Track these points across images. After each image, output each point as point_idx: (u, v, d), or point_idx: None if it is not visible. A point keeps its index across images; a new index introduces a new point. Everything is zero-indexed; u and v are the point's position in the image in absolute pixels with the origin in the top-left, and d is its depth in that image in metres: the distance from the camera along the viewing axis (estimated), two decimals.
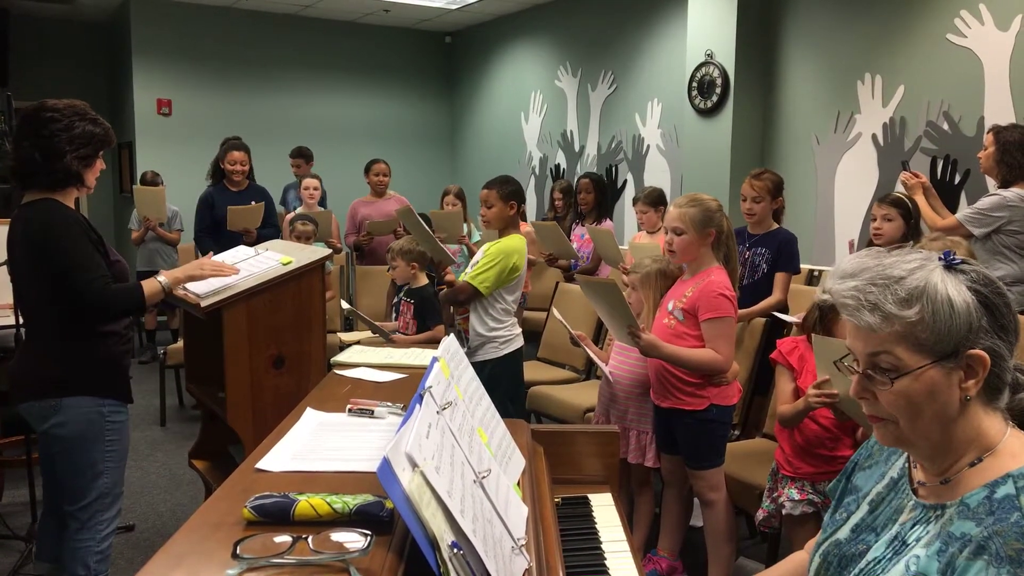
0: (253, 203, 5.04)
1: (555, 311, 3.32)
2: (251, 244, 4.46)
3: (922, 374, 1.03)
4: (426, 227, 3.63)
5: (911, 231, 3.34)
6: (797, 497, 2.48)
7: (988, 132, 3.78)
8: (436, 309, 3.94)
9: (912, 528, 1.10)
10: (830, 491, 1.35)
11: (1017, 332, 1.06)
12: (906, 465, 1.19)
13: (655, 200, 4.78)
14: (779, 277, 3.55)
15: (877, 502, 1.20)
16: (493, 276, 3.25)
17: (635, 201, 4.93)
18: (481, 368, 3.23)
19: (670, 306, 2.78)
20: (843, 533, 1.21)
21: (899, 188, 4.95)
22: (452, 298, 3.39)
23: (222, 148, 5.31)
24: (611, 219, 5.81)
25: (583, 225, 5.56)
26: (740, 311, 3.11)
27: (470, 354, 3.28)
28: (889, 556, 1.10)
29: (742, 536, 3.37)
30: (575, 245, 5.38)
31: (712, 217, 2.69)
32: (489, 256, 3.28)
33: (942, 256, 1.06)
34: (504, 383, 3.32)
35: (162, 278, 2.48)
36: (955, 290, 1.03)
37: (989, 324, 1.03)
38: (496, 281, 3.26)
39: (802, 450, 2.50)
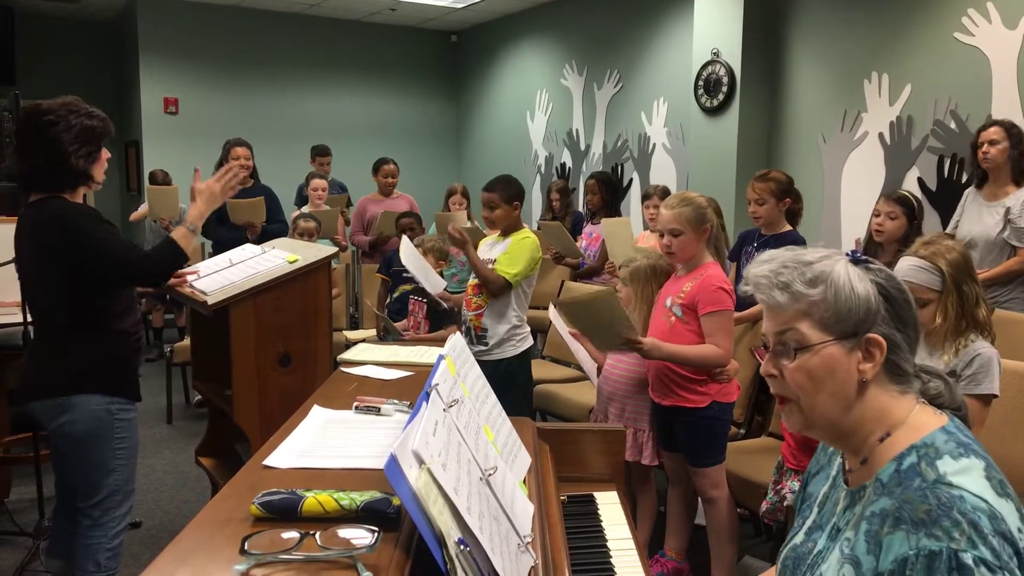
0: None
1: (551, 312, 3.32)
2: (256, 238, 4.48)
3: (822, 349, 1.11)
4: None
5: (913, 231, 3.29)
6: (798, 489, 2.49)
7: (991, 126, 3.72)
8: (449, 310, 3.93)
9: (844, 514, 1.15)
10: (794, 505, 1.38)
11: (916, 328, 1.14)
12: (841, 461, 1.24)
13: (666, 196, 4.76)
14: None
15: (823, 502, 1.25)
16: (524, 268, 3.27)
17: (645, 197, 4.90)
18: (496, 366, 3.25)
19: (668, 302, 2.78)
20: (798, 537, 1.26)
21: (906, 187, 4.94)
22: (489, 281, 3.26)
23: (225, 147, 5.33)
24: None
25: (591, 224, 5.52)
26: (739, 313, 3.11)
27: (487, 352, 3.28)
28: (828, 546, 1.15)
29: (748, 535, 3.37)
30: (583, 244, 5.36)
31: (705, 214, 2.72)
32: (517, 249, 3.28)
33: (849, 253, 1.17)
34: (519, 380, 3.34)
35: (187, 223, 2.49)
36: (856, 278, 1.12)
37: (888, 313, 1.11)
38: (525, 272, 3.29)
39: (804, 443, 2.50)
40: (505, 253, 3.30)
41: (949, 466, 1.03)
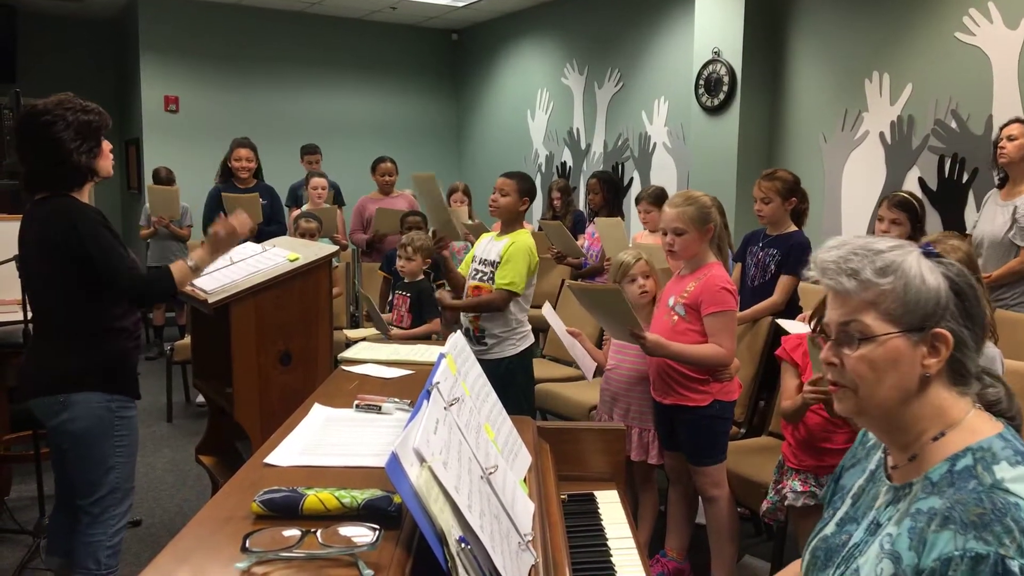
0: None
1: (546, 309, 3.30)
2: (254, 237, 4.48)
3: (887, 341, 1.09)
4: (443, 197, 3.43)
5: (917, 234, 3.28)
6: (799, 488, 2.49)
7: (1014, 122, 3.70)
8: (433, 302, 3.94)
9: (885, 509, 1.14)
10: (823, 498, 1.39)
11: (984, 327, 1.12)
12: (883, 456, 1.22)
13: (658, 198, 4.76)
14: (782, 279, 3.51)
15: (858, 495, 1.24)
16: (523, 275, 3.27)
17: (638, 199, 4.91)
18: (497, 365, 3.24)
19: (671, 302, 2.78)
20: (830, 528, 1.25)
21: (906, 186, 4.94)
22: (491, 307, 3.28)
23: (230, 147, 5.34)
24: (623, 218, 5.72)
25: (593, 223, 5.51)
26: (740, 313, 3.11)
27: (487, 351, 3.29)
28: (867, 539, 1.14)
29: (749, 534, 3.37)
30: (585, 243, 5.35)
31: (710, 213, 2.72)
32: (512, 256, 3.27)
33: (922, 246, 1.14)
34: (519, 379, 3.34)
35: (190, 260, 2.50)
36: (928, 270, 1.09)
37: (957, 308, 1.09)
38: (527, 276, 3.29)
39: (805, 443, 2.51)
40: (502, 262, 3.29)
41: (1007, 472, 1.01)
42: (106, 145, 2.46)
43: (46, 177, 2.36)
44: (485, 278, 3.35)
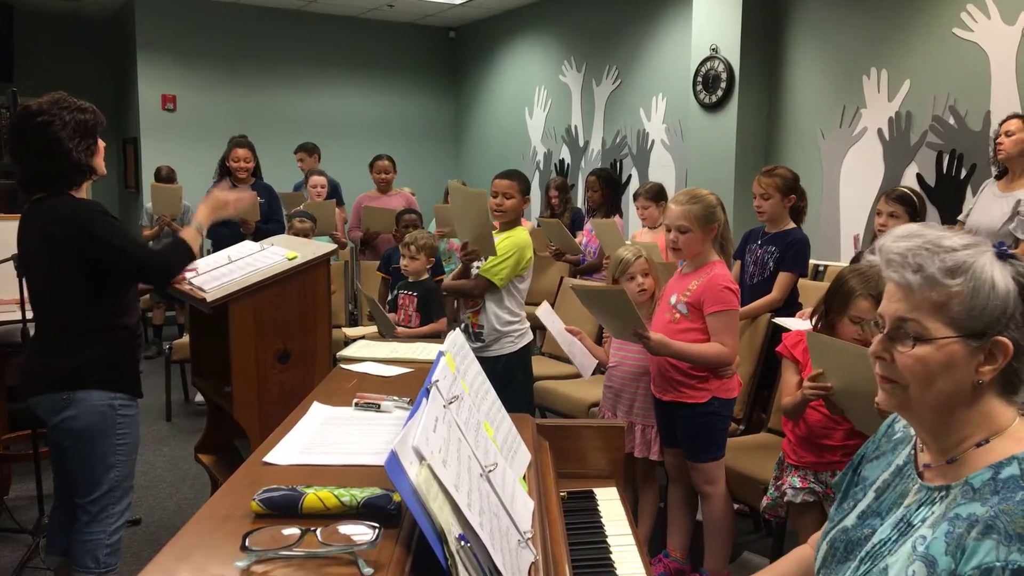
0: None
1: (542, 311, 3.25)
2: (251, 235, 4.48)
3: (945, 346, 1.04)
4: (489, 214, 3.31)
5: None
6: (799, 485, 2.50)
7: (1013, 118, 3.70)
8: (440, 302, 3.94)
9: (918, 510, 1.11)
10: (835, 484, 1.36)
11: None
12: (912, 452, 1.20)
13: (656, 195, 4.77)
14: (781, 276, 3.51)
15: (883, 488, 1.21)
16: (509, 269, 3.25)
17: (636, 196, 4.91)
18: (495, 362, 3.24)
19: (673, 300, 2.78)
20: (850, 520, 1.22)
21: (904, 182, 4.94)
22: (467, 292, 3.32)
23: (228, 146, 5.33)
24: (621, 216, 5.71)
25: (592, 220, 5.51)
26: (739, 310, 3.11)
27: (485, 348, 3.28)
28: (895, 537, 1.11)
29: (748, 530, 3.37)
30: (584, 240, 5.35)
31: (715, 212, 2.72)
32: (503, 250, 3.27)
33: (996, 245, 1.08)
34: (518, 376, 3.33)
35: (194, 223, 2.53)
36: (1000, 275, 1.04)
37: (1022, 316, 1.04)
38: (511, 274, 3.27)
39: (805, 440, 2.51)
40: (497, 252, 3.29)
41: None
42: (101, 143, 2.47)
43: (45, 177, 2.36)
44: None
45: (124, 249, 2.36)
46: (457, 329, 1.76)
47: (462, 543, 1.01)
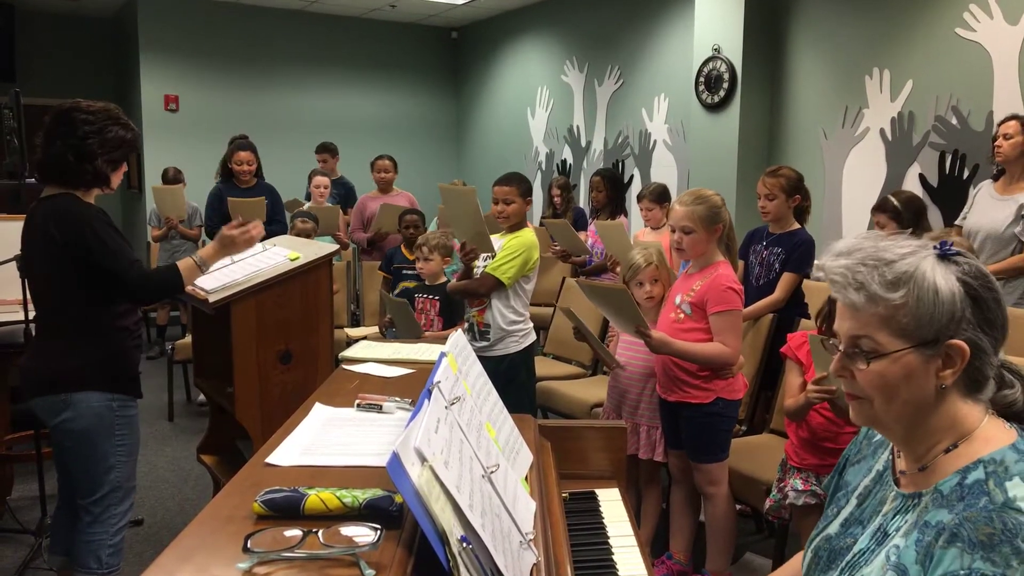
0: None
1: (565, 308, 3.29)
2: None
3: (900, 358, 1.04)
4: (480, 211, 3.31)
5: (920, 231, 3.28)
6: (801, 487, 2.50)
7: (1011, 120, 3.70)
8: (462, 304, 3.92)
9: (893, 518, 1.11)
10: (824, 487, 1.36)
11: (1004, 328, 1.07)
12: (890, 457, 1.20)
13: (659, 196, 4.76)
14: (784, 276, 3.50)
15: (864, 495, 1.21)
16: (516, 268, 3.24)
17: (639, 197, 4.90)
18: (499, 362, 3.24)
19: (677, 300, 2.79)
20: (833, 528, 1.22)
21: (907, 183, 4.94)
22: (474, 291, 3.30)
23: (229, 147, 5.33)
24: (626, 216, 5.67)
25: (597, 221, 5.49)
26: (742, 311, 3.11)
27: (489, 348, 3.28)
28: (872, 547, 1.11)
29: (750, 531, 3.37)
30: (589, 241, 5.35)
31: (719, 213, 2.72)
32: (511, 249, 3.27)
33: (938, 245, 1.07)
34: (521, 376, 3.33)
35: (196, 256, 2.51)
36: (943, 279, 1.03)
37: (974, 316, 1.04)
38: (518, 273, 3.27)
39: (808, 442, 2.51)
40: (501, 251, 3.29)
41: (1019, 490, 0.98)
42: (124, 165, 2.52)
43: (63, 168, 2.37)
44: None
45: (114, 262, 2.34)
46: (459, 330, 1.76)
47: (464, 544, 1.01)
